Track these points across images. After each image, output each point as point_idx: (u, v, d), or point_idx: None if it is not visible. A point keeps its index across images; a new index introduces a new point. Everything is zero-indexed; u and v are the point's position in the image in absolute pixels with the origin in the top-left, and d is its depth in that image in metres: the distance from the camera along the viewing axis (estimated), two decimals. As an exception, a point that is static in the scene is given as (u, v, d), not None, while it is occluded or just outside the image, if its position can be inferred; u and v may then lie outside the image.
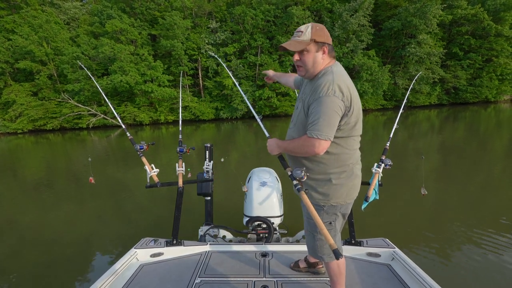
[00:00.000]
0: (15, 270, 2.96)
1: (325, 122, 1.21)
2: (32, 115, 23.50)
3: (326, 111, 1.21)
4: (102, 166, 8.52)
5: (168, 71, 26.07)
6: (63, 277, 2.79)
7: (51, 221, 4.36)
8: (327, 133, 1.22)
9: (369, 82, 25.71)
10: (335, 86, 1.22)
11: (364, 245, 2.13)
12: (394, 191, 4.88)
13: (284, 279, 1.81)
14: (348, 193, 1.41)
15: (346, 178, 1.37)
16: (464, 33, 28.77)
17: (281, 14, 26.97)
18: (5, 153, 13.75)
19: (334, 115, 1.22)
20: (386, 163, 2.18)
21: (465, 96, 29.79)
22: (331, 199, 1.39)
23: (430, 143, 9.55)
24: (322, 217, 1.41)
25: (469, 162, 6.65)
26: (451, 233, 3.36)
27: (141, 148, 2.28)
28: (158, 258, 2.09)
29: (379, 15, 29.44)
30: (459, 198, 4.52)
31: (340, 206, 1.42)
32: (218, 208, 3.04)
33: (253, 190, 2.46)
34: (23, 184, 7.03)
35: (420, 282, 1.69)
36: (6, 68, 23.97)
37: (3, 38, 24.11)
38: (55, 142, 17.04)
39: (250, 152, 9.46)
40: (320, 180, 1.38)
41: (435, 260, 2.81)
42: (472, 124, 15.06)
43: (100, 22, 25.09)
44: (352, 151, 1.38)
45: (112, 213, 4.57)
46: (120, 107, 25.01)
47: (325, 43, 1.32)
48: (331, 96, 1.20)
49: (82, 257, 3.16)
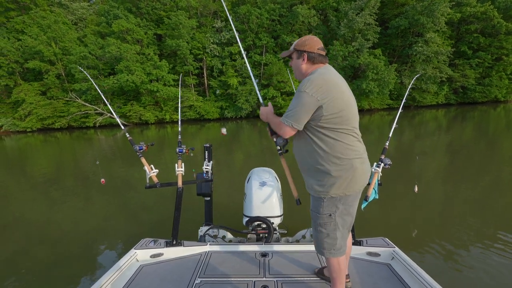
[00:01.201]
0: (24, 266, 3.02)
1: (291, 112, 1.43)
2: (40, 114, 23.96)
3: (294, 103, 1.42)
4: (108, 165, 8.64)
5: (173, 70, 26.27)
6: (64, 275, 2.81)
7: (58, 218, 4.43)
8: (291, 121, 1.43)
9: (375, 81, 25.45)
10: (308, 83, 1.39)
11: (364, 245, 2.12)
12: (395, 191, 4.84)
13: (284, 279, 1.81)
14: (348, 185, 1.44)
15: (344, 170, 1.43)
16: (473, 31, 28.24)
17: (286, 13, 26.89)
18: (15, 151, 14.05)
19: (301, 107, 1.40)
20: (385, 162, 2.17)
21: (474, 95, 29.28)
22: (330, 191, 1.45)
23: (437, 143, 9.42)
24: (322, 209, 1.49)
25: (477, 163, 6.55)
26: (451, 233, 3.33)
27: (140, 149, 2.28)
28: (158, 258, 2.08)
29: (386, 13, 29.11)
30: (462, 198, 4.46)
31: (340, 198, 1.46)
32: (218, 208, 3.04)
33: (252, 190, 2.45)
34: (32, 182, 7.18)
35: (420, 281, 1.68)
36: (16, 67, 24.48)
37: (13, 38, 24.61)
38: (63, 141, 17.32)
39: (254, 152, 9.48)
40: (319, 172, 1.46)
41: (435, 260, 2.79)
42: (481, 124, 14.79)
43: (106, 22, 25.40)
44: (348, 145, 1.44)
45: (117, 212, 4.61)
46: (126, 106, 25.34)
47: (304, 51, 1.52)
48: (301, 92, 1.39)
49: (85, 255, 3.19)
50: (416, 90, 28.03)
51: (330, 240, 1.51)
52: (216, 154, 9.38)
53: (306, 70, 1.54)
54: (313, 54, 1.52)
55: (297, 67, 1.57)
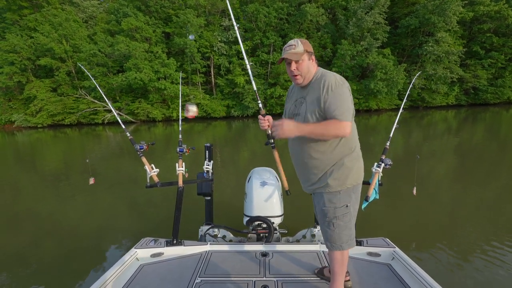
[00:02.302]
0: (34, 260, 3.08)
1: (345, 108, 1.42)
2: (51, 110, 24.47)
3: (342, 98, 1.42)
4: (116, 162, 8.78)
5: (181, 68, 26.43)
6: (64, 275, 2.81)
7: (58, 218, 4.44)
8: (348, 117, 1.43)
9: (384, 81, 25.11)
10: (339, 79, 1.45)
11: (364, 245, 2.12)
12: (396, 191, 4.80)
13: (285, 278, 1.81)
14: (358, 173, 1.55)
15: (356, 159, 1.54)
16: (486, 31, 27.53)
17: (294, 11, 26.73)
18: (26, 146, 14.40)
19: (350, 101, 1.46)
20: (386, 162, 2.16)
21: (486, 96, 28.57)
22: (347, 181, 1.51)
23: (446, 145, 9.25)
24: (339, 201, 1.53)
25: (486, 166, 6.41)
26: (452, 234, 3.30)
27: (141, 148, 2.27)
28: (158, 258, 2.09)
29: (396, 12, 28.65)
30: (466, 200, 4.40)
31: (353, 186, 1.55)
32: (218, 208, 3.04)
33: (253, 190, 2.45)
34: (42, 176, 7.36)
35: (420, 281, 1.68)
36: (28, 64, 25.04)
37: (26, 36, 25.16)
38: (72, 137, 17.67)
39: (260, 151, 9.48)
40: (336, 165, 1.51)
41: (435, 260, 2.77)
42: (493, 125, 14.43)
43: (116, 20, 25.72)
44: (356, 134, 1.58)
45: (118, 210, 4.62)
46: (134, 104, 25.65)
47: (312, 53, 1.58)
48: (343, 87, 1.43)
49: (85, 254, 3.18)
50: (425, 90, 27.54)
51: (348, 231, 1.56)
52: (221, 153, 9.43)
53: (314, 70, 1.57)
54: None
55: (308, 68, 1.55)
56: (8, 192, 5.99)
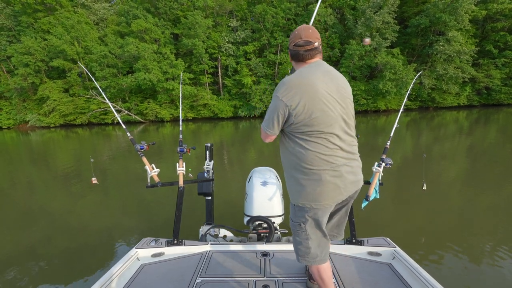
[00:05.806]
0: (46, 256, 3.16)
1: (265, 117, 1.34)
2: (63, 111, 25.13)
3: (269, 108, 1.32)
4: (124, 161, 8.95)
5: (189, 69, 26.71)
6: (63, 274, 2.83)
7: (57, 217, 4.50)
8: (265, 126, 1.35)
9: (393, 81, 24.72)
10: (279, 86, 1.27)
11: (365, 244, 2.11)
12: (397, 191, 4.76)
13: (285, 278, 1.80)
14: (315, 198, 1.28)
15: (311, 181, 1.27)
16: (499, 30, 26.75)
17: (302, 12, 26.63)
18: (39, 145, 14.81)
19: (272, 112, 1.29)
20: (386, 162, 2.15)
21: (499, 97, 27.75)
22: (298, 200, 1.32)
23: (457, 146, 9.05)
24: (294, 216, 1.40)
25: (497, 168, 6.25)
26: (453, 233, 3.26)
27: (142, 148, 2.27)
28: (159, 258, 2.09)
29: (405, 11, 28.15)
30: (470, 202, 4.31)
31: (308, 209, 1.31)
32: (219, 208, 3.03)
33: (254, 190, 2.45)
34: (54, 174, 7.57)
35: (421, 281, 1.67)
36: (41, 66, 25.78)
37: (40, 38, 25.90)
38: (83, 136, 18.07)
39: (266, 151, 9.50)
40: (288, 178, 1.38)
41: (436, 259, 2.75)
42: (506, 127, 14.01)
43: (126, 22, 26.20)
44: (320, 154, 1.24)
45: (119, 210, 4.67)
46: (143, 104, 26.07)
47: (289, 49, 1.41)
48: (273, 95, 1.29)
49: (85, 253, 3.20)
50: (436, 90, 26.98)
51: (304, 248, 1.40)
52: (227, 153, 9.49)
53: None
54: (292, 52, 1.37)
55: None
56: (20, 190, 6.19)
